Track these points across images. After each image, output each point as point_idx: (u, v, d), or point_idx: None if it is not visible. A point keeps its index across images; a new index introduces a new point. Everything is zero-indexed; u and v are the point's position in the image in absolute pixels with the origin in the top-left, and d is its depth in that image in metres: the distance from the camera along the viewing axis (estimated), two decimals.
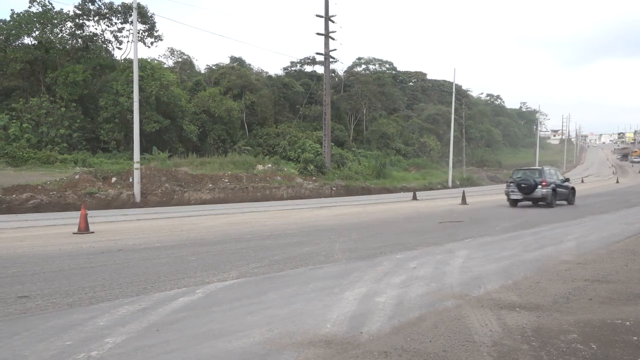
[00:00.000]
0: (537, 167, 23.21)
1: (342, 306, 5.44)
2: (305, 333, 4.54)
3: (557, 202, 21.36)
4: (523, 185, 20.71)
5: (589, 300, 5.71)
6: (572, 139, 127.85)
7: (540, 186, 20.36)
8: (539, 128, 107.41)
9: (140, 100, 24.63)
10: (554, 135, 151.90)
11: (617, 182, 48.87)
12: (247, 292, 6.17)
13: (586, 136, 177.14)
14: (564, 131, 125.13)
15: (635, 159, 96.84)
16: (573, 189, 22.95)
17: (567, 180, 22.97)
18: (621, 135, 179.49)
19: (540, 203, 20.84)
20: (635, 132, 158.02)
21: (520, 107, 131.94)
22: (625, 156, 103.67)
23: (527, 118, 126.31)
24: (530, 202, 21.17)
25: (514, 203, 21.35)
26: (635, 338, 4.39)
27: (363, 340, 4.34)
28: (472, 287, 6.34)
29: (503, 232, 12.27)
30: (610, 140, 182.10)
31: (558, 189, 21.24)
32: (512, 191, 21.21)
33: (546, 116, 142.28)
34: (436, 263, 8.05)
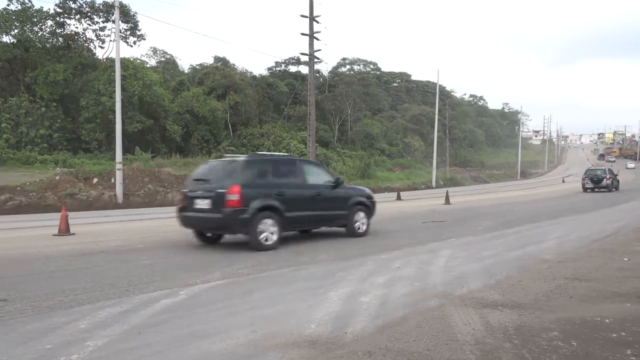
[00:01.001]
0: (602, 168, 36.38)
1: (326, 306, 5.44)
2: (290, 334, 4.53)
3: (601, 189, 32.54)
4: (594, 179, 33.05)
5: (570, 299, 5.80)
6: (554, 140, 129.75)
7: (605, 179, 32.78)
8: (521, 128, 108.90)
9: (122, 100, 24.36)
10: (536, 136, 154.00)
11: None
12: (231, 293, 6.14)
13: (567, 136, 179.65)
14: (546, 132, 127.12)
15: (610, 159, 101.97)
16: (618, 181, 35.39)
17: (617, 174, 36.08)
18: (601, 135, 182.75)
19: (603, 190, 32.50)
20: (614, 133, 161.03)
21: (503, 107, 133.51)
22: (602, 156, 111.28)
23: (510, 118, 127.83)
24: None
25: (587, 190, 32.92)
26: (615, 335, 4.47)
27: (347, 341, 4.35)
28: (455, 287, 6.39)
29: (485, 232, 12.39)
30: (590, 141, 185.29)
31: (614, 181, 33.86)
32: (586, 182, 33.29)
33: (528, 117, 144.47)
34: (420, 263, 8.10)
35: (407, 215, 17.40)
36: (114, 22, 32.08)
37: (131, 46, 38.45)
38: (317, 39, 36.01)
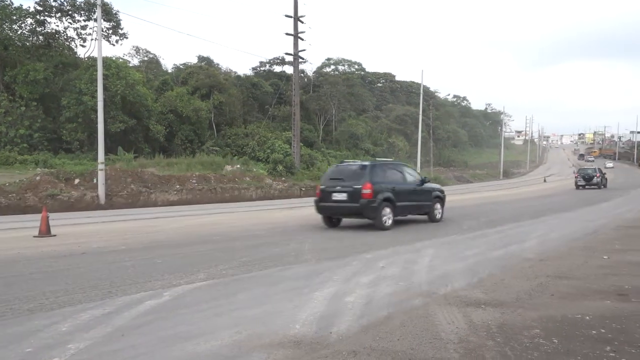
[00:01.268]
0: (592, 167, 41.30)
1: (311, 306, 5.45)
2: (275, 334, 4.52)
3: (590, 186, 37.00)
4: (586, 177, 37.65)
5: (551, 296, 5.89)
6: (535, 140, 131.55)
7: (595, 177, 37.35)
8: (504, 129, 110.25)
9: (104, 100, 24.07)
10: (518, 136, 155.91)
11: None
12: (216, 294, 6.11)
13: (548, 137, 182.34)
14: (527, 132, 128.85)
15: (590, 159, 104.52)
16: (606, 179, 39.87)
17: (605, 173, 41.36)
18: (581, 136, 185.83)
19: (594, 187, 36.79)
20: (594, 133, 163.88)
21: (486, 108, 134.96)
22: (582, 156, 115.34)
23: (492, 119, 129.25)
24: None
25: (579, 187, 37.25)
26: (595, 332, 4.55)
27: (332, 340, 4.36)
28: (439, 286, 6.44)
29: (469, 231, 12.51)
30: (571, 141, 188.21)
31: (603, 179, 38.18)
32: (579, 180, 37.84)
33: (510, 117, 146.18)
34: (404, 262, 8.15)
35: None
36: (95, 20, 31.68)
37: (113, 45, 38.03)
38: (302, 39, 36.05)
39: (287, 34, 35.75)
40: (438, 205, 14.79)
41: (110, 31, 36.77)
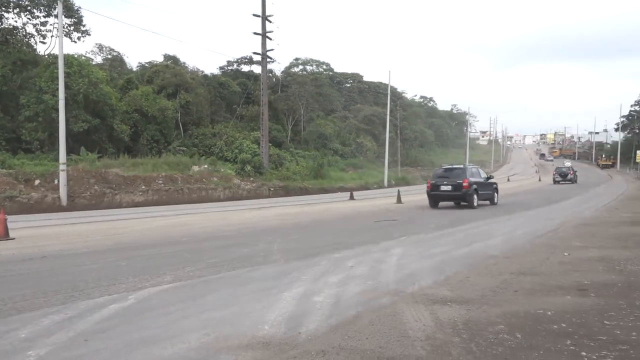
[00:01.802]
0: (567, 166, 48.53)
1: (280, 307, 5.43)
2: (243, 335, 4.49)
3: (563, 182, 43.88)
4: (562, 174, 44.75)
5: (515, 293, 6.04)
6: (499, 140, 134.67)
7: (569, 174, 44.39)
8: (469, 129, 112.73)
9: (66, 98, 23.38)
10: (483, 136, 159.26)
11: (540, 180, 51.94)
12: (183, 296, 6.02)
13: (512, 137, 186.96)
14: (492, 132, 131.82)
15: (549, 158, 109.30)
16: (577, 176, 46.41)
17: (576, 171, 48.02)
18: (543, 136, 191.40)
19: (568, 182, 43.60)
20: (555, 134, 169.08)
21: (452, 109, 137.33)
22: (543, 155, 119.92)
23: (458, 119, 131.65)
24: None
25: (556, 182, 44.12)
26: (556, 327, 4.69)
27: (301, 341, 4.35)
28: (407, 284, 6.52)
29: (436, 230, 12.72)
30: (534, 141, 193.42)
31: (575, 176, 44.99)
32: (556, 177, 44.99)
33: (475, 118, 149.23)
34: (372, 261, 8.21)
35: (360, 215, 17.59)
36: (56, 16, 30.72)
37: (75, 42, 36.90)
38: (270, 39, 35.87)
39: (255, 33, 35.54)
40: (496, 194, 21.91)
41: (72, 28, 35.71)
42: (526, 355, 3.96)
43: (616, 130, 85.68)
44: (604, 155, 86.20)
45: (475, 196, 19.52)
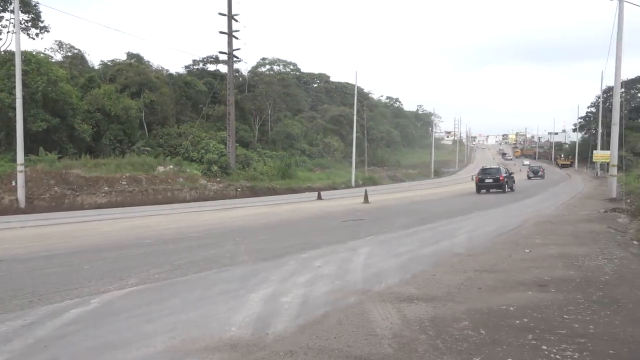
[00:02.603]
0: (538, 165, 61.11)
1: (247, 308, 5.39)
2: (210, 338, 4.43)
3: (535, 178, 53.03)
4: (534, 171, 55.05)
5: (478, 290, 6.18)
6: (463, 140, 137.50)
7: (540, 171, 55.26)
8: (434, 129, 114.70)
9: (24, 97, 22.59)
10: (448, 137, 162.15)
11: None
12: (148, 299, 5.90)
13: (475, 137, 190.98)
14: (456, 133, 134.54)
15: (508, 157, 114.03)
16: (545, 173, 56.38)
17: (545, 169, 58.43)
18: (505, 136, 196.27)
19: (539, 178, 52.50)
20: (517, 134, 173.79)
21: (417, 109, 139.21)
22: (504, 154, 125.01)
23: (424, 120, 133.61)
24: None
25: (530, 178, 52.69)
26: (518, 322, 4.82)
27: (269, 341, 4.34)
28: (374, 283, 6.58)
29: (402, 229, 12.87)
30: (496, 141, 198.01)
31: (544, 173, 54.85)
32: (529, 174, 54.19)
33: (440, 118, 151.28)
34: (340, 261, 8.25)
35: (328, 215, 17.65)
36: (12, 12, 29.64)
37: (33, 39, 35.66)
38: (236, 38, 35.60)
39: (221, 32, 35.19)
40: (513, 184, 32.94)
41: (29, 24, 34.52)
42: (490, 351, 4.05)
43: (574, 131, 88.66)
44: (562, 155, 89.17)
45: (506, 186, 30.42)
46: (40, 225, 15.27)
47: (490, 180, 29.94)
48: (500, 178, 29.66)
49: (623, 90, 39.02)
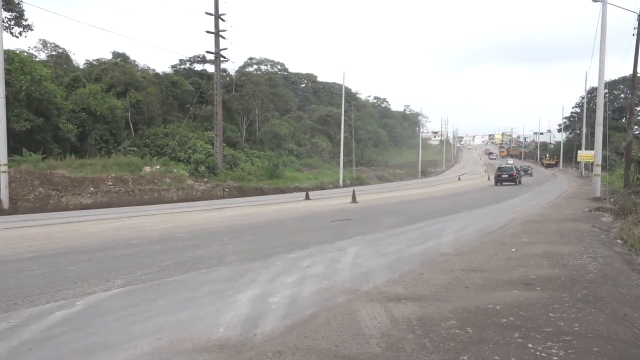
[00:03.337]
0: (527, 165, 71.29)
1: (235, 309, 5.37)
2: (198, 339, 4.41)
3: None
4: (524, 170, 56.60)
5: (465, 289, 6.22)
6: (450, 140, 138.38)
7: (529, 170, 62.25)
8: (421, 130, 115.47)
9: (7, 96, 22.24)
10: (435, 137, 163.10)
11: (489, 179, 53.65)
12: (135, 300, 5.85)
13: (462, 137, 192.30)
14: (443, 133, 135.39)
15: (493, 157, 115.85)
16: (532, 170, 65.18)
17: (532, 168, 68.02)
18: (491, 136, 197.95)
19: (528, 175, 56.83)
20: (503, 134, 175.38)
21: (405, 109, 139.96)
22: (490, 154, 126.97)
23: (411, 120, 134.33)
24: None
25: (521, 176, 52.76)
26: (504, 320, 4.87)
27: (257, 342, 4.33)
28: (362, 283, 6.60)
29: (390, 229, 12.92)
30: (482, 141, 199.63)
31: (532, 172, 62.01)
32: (521, 172, 49.81)
33: (427, 119, 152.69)
34: (328, 261, 8.25)
35: (316, 215, 17.64)
36: None
37: (17, 37, 35.16)
38: (223, 37, 35.45)
39: (208, 31, 35.02)
40: (523, 178, 44.63)
41: (12, 22, 34.05)
42: (477, 349, 4.09)
43: (559, 131, 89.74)
44: (547, 155, 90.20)
45: (519, 179, 40.64)
46: (24, 227, 15.06)
47: (506, 176, 40.34)
48: (513, 174, 40.36)
49: (606, 91, 39.61)
